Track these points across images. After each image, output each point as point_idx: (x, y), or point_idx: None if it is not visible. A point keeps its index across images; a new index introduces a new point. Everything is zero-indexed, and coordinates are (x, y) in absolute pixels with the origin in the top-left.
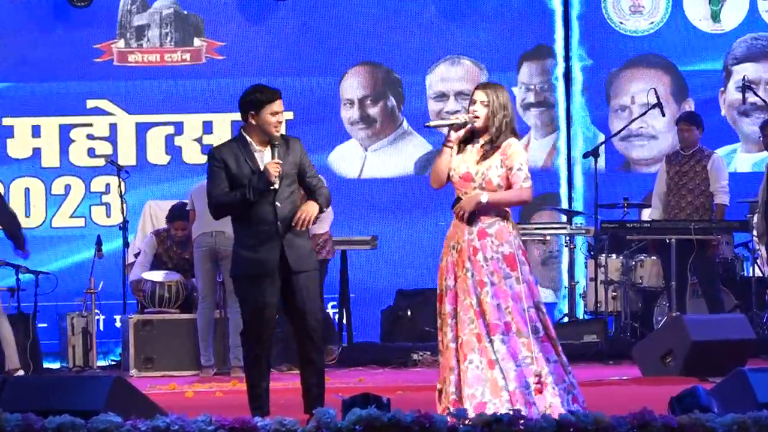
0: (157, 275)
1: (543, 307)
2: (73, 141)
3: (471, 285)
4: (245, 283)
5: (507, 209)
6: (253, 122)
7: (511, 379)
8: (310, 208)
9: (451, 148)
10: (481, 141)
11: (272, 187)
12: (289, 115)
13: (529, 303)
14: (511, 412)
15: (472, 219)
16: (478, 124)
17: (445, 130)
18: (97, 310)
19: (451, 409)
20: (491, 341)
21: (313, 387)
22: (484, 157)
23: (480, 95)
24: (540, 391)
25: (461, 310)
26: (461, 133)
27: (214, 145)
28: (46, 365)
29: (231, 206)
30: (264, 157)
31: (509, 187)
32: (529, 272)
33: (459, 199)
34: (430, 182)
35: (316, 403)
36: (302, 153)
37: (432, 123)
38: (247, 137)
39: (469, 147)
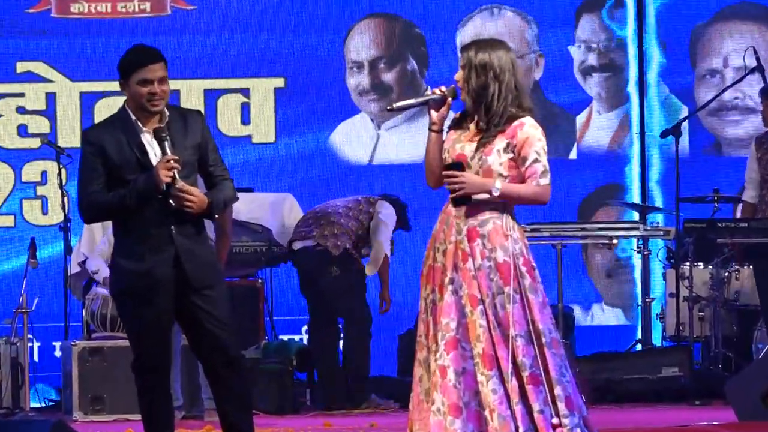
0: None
1: (546, 338)
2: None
3: (453, 302)
4: (129, 301)
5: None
6: (126, 94)
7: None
8: (201, 202)
9: (437, 131)
10: (477, 118)
11: (160, 196)
12: (280, 82)
13: (518, 330)
14: None
15: (462, 202)
16: (463, 96)
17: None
18: (30, 335)
19: None
20: (477, 381)
21: (240, 423)
22: (483, 138)
23: (461, 58)
24: None
25: (439, 332)
26: (444, 110)
27: (91, 126)
28: None
29: (107, 210)
30: (153, 141)
31: (520, 180)
32: (533, 287)
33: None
34: (425, 178)
35: None
36: (204, 132)
37: (397, 104)
38: (130, 113)
39: (470, 125)
